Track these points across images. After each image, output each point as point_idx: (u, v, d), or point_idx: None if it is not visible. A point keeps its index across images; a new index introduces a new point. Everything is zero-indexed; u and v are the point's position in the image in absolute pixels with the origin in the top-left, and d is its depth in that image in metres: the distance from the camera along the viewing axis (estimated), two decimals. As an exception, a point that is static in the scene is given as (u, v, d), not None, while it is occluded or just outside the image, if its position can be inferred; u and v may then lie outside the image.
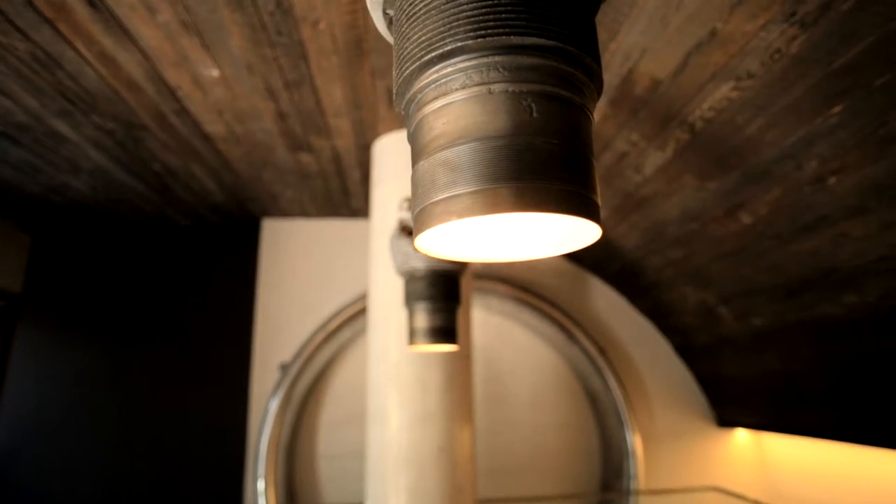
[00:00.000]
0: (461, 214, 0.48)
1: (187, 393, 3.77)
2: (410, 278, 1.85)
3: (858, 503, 3.27)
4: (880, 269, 2.24)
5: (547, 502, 3.86)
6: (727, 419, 3.96)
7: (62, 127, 2.49)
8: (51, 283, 3.83)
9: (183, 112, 2.43)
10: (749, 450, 4.05)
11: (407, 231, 1.94)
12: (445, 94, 0.52)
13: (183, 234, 4.02)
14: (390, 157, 2.68)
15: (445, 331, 1.75)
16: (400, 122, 2.60)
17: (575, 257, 4.21)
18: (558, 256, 4.22)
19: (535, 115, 0.50)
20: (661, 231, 3.16)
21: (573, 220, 0.52)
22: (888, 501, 3.08)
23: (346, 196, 3.63)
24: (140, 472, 3.60)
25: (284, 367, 3.69)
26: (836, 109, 1.85)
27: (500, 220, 0.57)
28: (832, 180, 2.09)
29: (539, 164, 0.49)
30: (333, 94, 2.33)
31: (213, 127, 2.58)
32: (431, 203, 0.51)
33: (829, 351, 2.76)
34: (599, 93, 0.57)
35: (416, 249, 1.78)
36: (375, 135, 2.73)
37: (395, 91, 0.58)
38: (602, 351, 3.86)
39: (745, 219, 2.59)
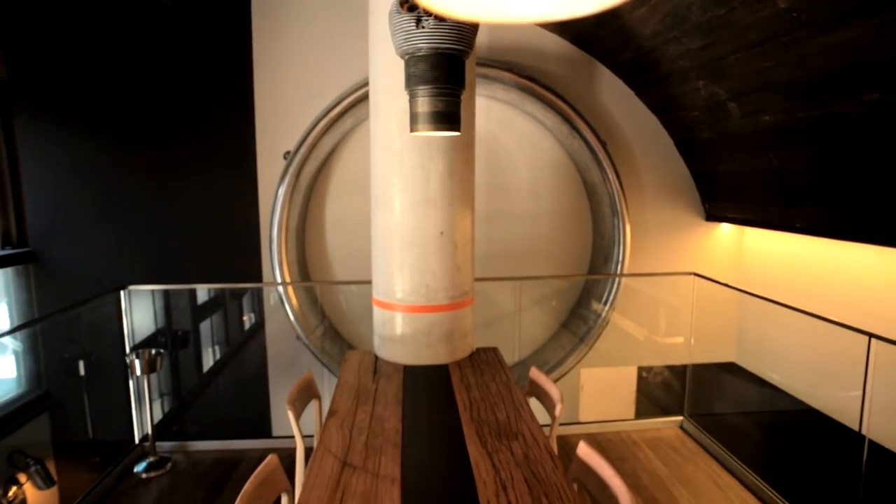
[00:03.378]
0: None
1: (196, 182, 3.86)
2: (412, 60, 1.75)
3: (819, 290, 3.61)
4: (915, 62, 2.11)
5: (539, 282, 4.25)
6: (715, 214, 4.14)
7: None
8: (36, 69, 3.65)
9: None
10: (730, 243, 4.33)
11: (408, 6, 1.78)
12: None
13: (168, 15, 3.70)
14: (388, -85, 2.32)
15: (448, 115, 1.73)
16: None
17: (585, 44, 3.94)
18: (567, 42, 3.96)
19: None
20: (682, 16, 2.90)
21: None
22: (847, 288, 3.40)
23: (339, -33, 3.25)
24: (164, 252, 3.89)
25: (289, 155, 3.73)
26: None
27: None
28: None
29: None
30: None
31: None
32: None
33: (833, 150, 2.76)
34: None
35: (417, 26, 1.66)
36: None
37: None
38: (603, 143, 3.85)
39: (781, 2, 2.35)
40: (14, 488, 2.85)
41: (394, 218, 2.46)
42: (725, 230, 4.28)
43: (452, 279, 2.50)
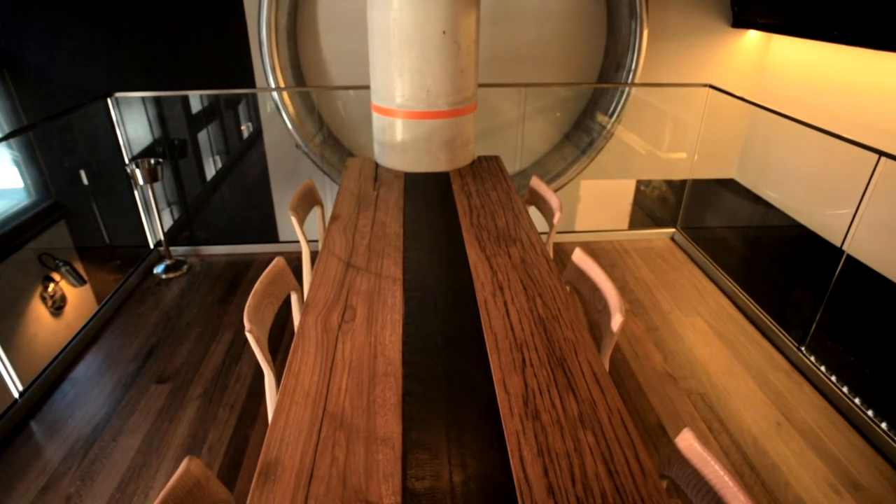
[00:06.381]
0: None
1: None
2: None
3: (839, 108, 3.45)
4: None
5: (544, 90, 4.05)
6: (743, 19, 3.77)
7: None
8: None
9: None
10: (753, 53, 4.02)
11: None
12: None
13: None
14: None
15: None
16: None
17: None
18: None
19: None
20: None
21: None
22: (869, 105, 3.25)
23: None
24: (149, 60, 3.62)
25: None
26: None
27: None
28: None
29: None
30: None
31: None
32: None
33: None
34: None
35: None
36: None
37: None
38: (631, -70, 3.36)
39: None
40: (52, 285, 3.08)
41: (392, 15, 2.23)
42: (751, 38, 3.95)
43: (454, 83, 2.37)
